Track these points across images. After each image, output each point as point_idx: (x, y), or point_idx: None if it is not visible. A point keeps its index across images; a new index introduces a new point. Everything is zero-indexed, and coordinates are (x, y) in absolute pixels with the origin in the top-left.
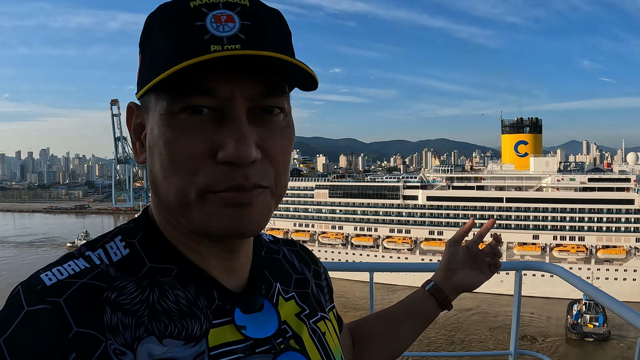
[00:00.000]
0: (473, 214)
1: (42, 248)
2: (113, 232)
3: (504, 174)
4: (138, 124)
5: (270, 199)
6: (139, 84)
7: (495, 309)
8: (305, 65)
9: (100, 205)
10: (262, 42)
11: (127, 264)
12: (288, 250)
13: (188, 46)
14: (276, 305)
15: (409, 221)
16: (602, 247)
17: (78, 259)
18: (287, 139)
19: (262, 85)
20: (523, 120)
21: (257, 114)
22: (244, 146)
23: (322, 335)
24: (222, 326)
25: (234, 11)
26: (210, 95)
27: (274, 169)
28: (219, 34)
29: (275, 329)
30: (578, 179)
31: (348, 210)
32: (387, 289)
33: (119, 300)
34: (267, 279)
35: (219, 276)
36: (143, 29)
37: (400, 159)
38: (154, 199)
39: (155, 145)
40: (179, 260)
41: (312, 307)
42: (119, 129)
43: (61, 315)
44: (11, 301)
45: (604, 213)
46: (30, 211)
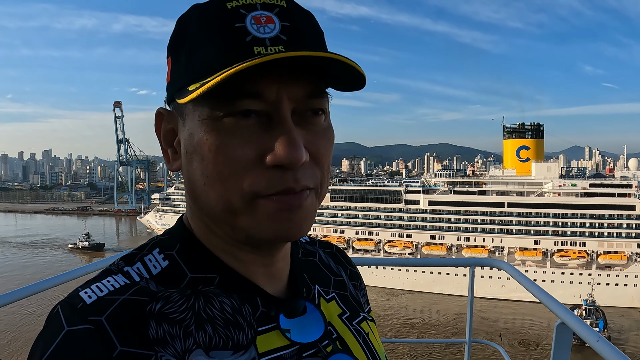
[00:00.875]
0: (474, 219)
1: (42, 249)
2: (150, 244)
3: (505, 179)
4: (169, 130)
5: (315, 200)
6: (172, 89)
7: (492, 314)
8: (354, 62)
9: (102, 206)
10: (304, 43)
11: (167, 277)
12: (324, 252)
13: (231, 49)
14: (319, 306)
15: (410, 225)
16: (603, 252)
17: (117, 275)
18: (330, 139)
19: (306, 87)
20: (525, 126)
21: (302, 115)
22: (295, 149)
23: (366, 336)
24: (268, 332)
25: (272, 12)
26: (258, 98)
27: (320, 170)
28: (261, 35)
29: (322, 332)
30: (579, 185)
31: (349, 214)
32: (387, 293)
33: (164, 310)
34: (307, 282)
35: (261, 282)
36: (174, 31)
37: (403, 164)
38: (192, 207)
39: (195, 151)
40: (221, 268)
41: (353, 308)
42: (121, 130)
43: (104, 335)
44: (51, 321)
45: (605, 219)
46: (32, 212)
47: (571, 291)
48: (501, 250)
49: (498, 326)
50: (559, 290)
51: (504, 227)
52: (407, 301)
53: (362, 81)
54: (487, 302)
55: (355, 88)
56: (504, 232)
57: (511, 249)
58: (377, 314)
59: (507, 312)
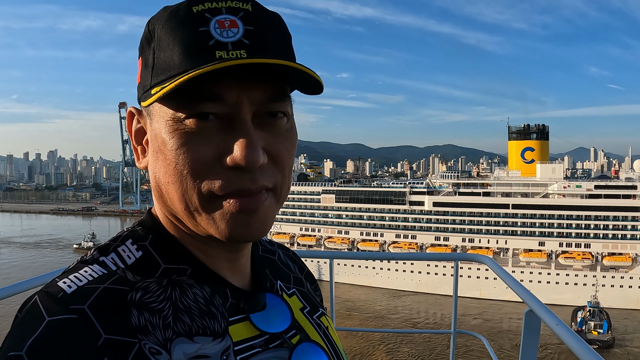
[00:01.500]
0: (479, 220)
1: (47, 249)
2: (122, 235)
3: (510, 180)
4: (140, 129)
5: (274, 202)
6: (141, 89)
7: (498, 315)
8: (311, 70)
9: (107, 207)
10: (266, 47)
11: (142, 266)
12: (283, 253)
13: (193, 53)
14: (284, 299)
15: (415, 227)
16: (608, 254)
17: (93, 265)
18: (291, 141)
19: (267, 90)
20: (530, 127)
21: (262, 118)
22: (252, 151)
23: (325, 330)
24: (239, 323)
25: (237, 16)
26: (218, 101)
27: (280, 172)
28: (223, 39)
29: (289, 323)
30: (584, 186)
31: (354, 215)
32: (392, 295)
33: (144, 300)
34: (269, 277)
35: (227, 275)
36: (144, 32)
37: (408, 165)
38: (158, 203)
39: (160, 150)
40: (191, 260)
41: (312, 303)
42: (126, 131)
43: (88, 323)
44: (28, 312)
45: (610, 220)
46: (37, 212)
47: (576, 293)
48: (506, 251)
49: (502, 327)
50: (564, 292)
51: (508, 229)
52: (411, 302)
53: (320, 87)
54: (492, 302)
55: (315, 92)
56: (508, 234)
57: (516, 250)
58: (381, 315)
59: (511, 312)
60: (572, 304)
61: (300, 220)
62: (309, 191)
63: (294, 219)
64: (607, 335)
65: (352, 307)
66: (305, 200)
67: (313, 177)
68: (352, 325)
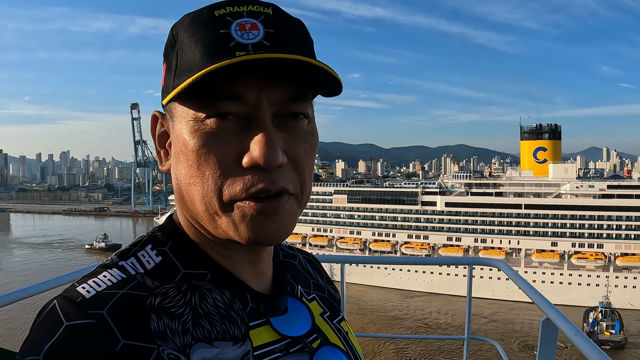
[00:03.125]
0: (491, 221)
1: (58, 249)
2: (142, 240)
3: (522, 180)
4: (163, 132)
5: (295, 206)
6: (164, 92)
7: (509, 316)
8: (329, 67)
9: (119, 208)
10: (286, 47)
11: (161, 271)
12: (303, 257)
13: (214, 53)
14: (306, 303)
15: (427, 227)
16: (621, 254)
17: (112, 269)
18: (311, 144)
19: (287, 91)
20: (542, 127)
21: (282, 119)
22: (271, 150)
23: (345, 335)
24: (259, 327)
25: (257, 19)
26: (237, 101)
27: (300, 175)
28: (244, 41)
29: (310, 327)
30: (597, 186)
31: (366, 216)
32: (404, 295)
33: (164, 305)
34: (290, 281)
35: (248, 279)
36: (168, 38)
37: (419, 165)
38: (179, 206)
39: (181, 151)
40: (211, 265)
41: (332, 308)
42: (139, 132)
43: (106, 328)
44: (46, 317)
45: (623, 220)
46: (49, 213)
47: (589, 293)
48: (518, 252)
49: (512, 328)
50: (577, 292)
51: (521, 229)
52: (423, 303)
53: (340, 87)
54: (504, 303)
55: (334, 93)
56: (521, 234)
57: (528, 250)
58: (392, 315)
59: (524, 314)
60: (585, 305)
61: (312, 220)
62: (320, 192)
63: (306, 219)
64: (619, 336)
65: (364, 307)
66: (317, 201)
67: (325, 178)
68: (363, 325)
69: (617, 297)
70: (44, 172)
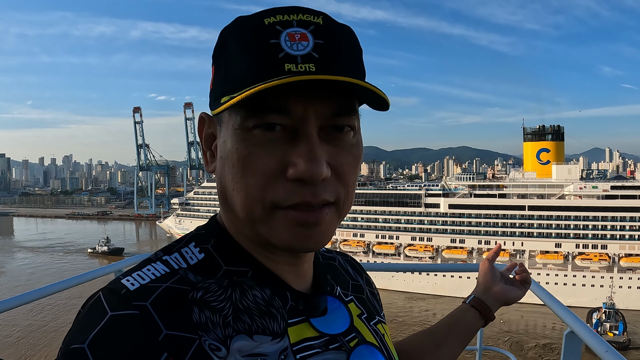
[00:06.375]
0: (495, 222)
1: (60, 253)
2: (186, 238)
3: (526, 181)
4: (210, 134)
5: (335, 217)
6: (213, 96)
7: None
8: (378, 88)
9: (122, 211)
10: (336, 62)
11: (203, 267)
12: (342, 259)
13: (263, 64)
14: (345, 303)
15: (430, 229)
16: (625, 255)
17: (156, 263)
18: (356, 156)
19: (334, 105)
20: (545, 128)
21: (328, 132)
22: (316, 165)
23: (382, 337)
24: (298, 325)
25: (307, 29)
26: (285, 113)
27: (343, 187)
28: (293, 52)
29: (348, 326)
30: (601, 187)
31: (369, 218)
32: (408, 297)
33: (206, 298)
34: (330, 282)
35: (289, 279)
36: (217, 41)
37: (422, 167)
38: (223, 209)
39: (227, 157)
40: (252, 263)
41: (370, 310)
42: (141, 135)
43: (149, 319)
44: (92, 307)
45: (626, 221)
46: (52, 217)
47: (593, 294)
48: (522, 253)
49: (526, 335)
50: (581, 293)
51: (524, 230)
52: (427, 305)
53: (386, 104)
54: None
55: (381, 108)
56: (524, 236)
57: (532, 252)
58: (396, 318)
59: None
60: (589, 306)
61: None
62: None
63: None
64: (623, 336)
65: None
66: None
67: None
68: None
69: (621, 297)
70: (46, 176)
